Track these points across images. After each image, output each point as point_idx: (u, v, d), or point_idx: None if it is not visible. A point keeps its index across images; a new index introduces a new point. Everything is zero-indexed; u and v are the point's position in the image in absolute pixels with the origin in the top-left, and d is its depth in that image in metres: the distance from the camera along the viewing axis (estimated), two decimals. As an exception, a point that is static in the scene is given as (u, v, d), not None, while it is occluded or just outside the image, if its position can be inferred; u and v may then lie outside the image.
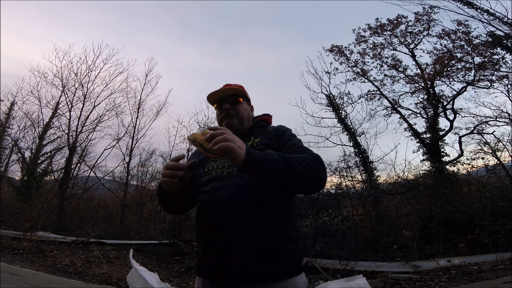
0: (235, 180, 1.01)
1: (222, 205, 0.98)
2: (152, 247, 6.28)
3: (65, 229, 8.67)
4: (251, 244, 0.94)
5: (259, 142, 1.10)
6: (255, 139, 1.14)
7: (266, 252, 0.94)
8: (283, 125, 1.24)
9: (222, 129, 0.88)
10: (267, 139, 1.12)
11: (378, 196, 6.86)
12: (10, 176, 10.41)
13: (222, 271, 0.95)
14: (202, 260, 1.04)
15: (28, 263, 4.86)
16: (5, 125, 10.36)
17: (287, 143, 1.10)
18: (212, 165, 1.10)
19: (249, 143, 1.11)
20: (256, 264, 0.93)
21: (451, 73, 8.47)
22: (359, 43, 9.66)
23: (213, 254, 0.98)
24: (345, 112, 8.84)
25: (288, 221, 1.03)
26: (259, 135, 1.15)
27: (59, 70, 11.15)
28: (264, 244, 0.95)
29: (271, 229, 0.97)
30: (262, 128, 1.21)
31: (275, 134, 1.15)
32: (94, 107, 11.32)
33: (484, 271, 3.63)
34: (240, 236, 0.94)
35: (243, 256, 0.93)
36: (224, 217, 0.96)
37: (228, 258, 0.94)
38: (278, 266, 0.95)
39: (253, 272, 0.93)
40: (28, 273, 4.08)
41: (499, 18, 7.32)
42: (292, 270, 0.98)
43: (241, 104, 1.22)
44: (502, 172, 6.66)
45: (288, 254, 0.98)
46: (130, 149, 11.03)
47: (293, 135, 1.18)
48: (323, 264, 4.33)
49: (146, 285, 0.94)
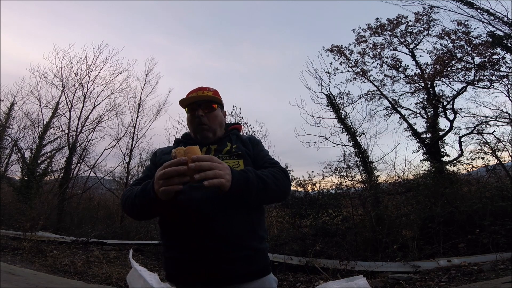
0: None
1: (202, 204, 0.95)
2: (152, 247, 6.28)
3: (65, 229, 8.68)
4: (229, 244, 0.94)
5: (237, 149, 1.13)
6: (232, 144, 1.16)
7: (244, 252, 0.95)
8: (255, 136, 1.31)
9: (208, 158, 0.84)
10: (244, 146, 1.16)
11: (378, 196, 6.86)
12: (10, 176, 10.44)
13: (201, 275, 0.92)
14: (177, 264, 0.98)
15: (28, 263, 4.86)
16: (5, 125, 10.37)
17: (260, 153, 1.18)
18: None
19: (226, 148, 1.13)
20: (234, 265, 0.93)
21: (451, 73, 8.46)
22: (359, 43, 9.66)
23: (192, 257, 0.93)
24: (345, 112, 8.85)
25: (261, 222, 1.06)
26: (235, 141, 1.18)
27: (59, 70, 11.20)
28: (242, 244, 0.96)
29: (248, 229, 0.99)
30: (235, 136, 1.23)
31: (251, 143, 1.20)
32: (94, 107, 11.37)
33: (484, 271, 3.63)
34: (218, 236, 0.93)
35: (222, 256, 0.92)
36: (201, 216, 0.94)
37: (208, 260, 0.92)
38: (255, 265, 0.98)
39: (232, 273, 0.93)
40: (28, 273, 4.08)
41: (499, 18, 7.32)
42: (266, 269, 1.02)
43: (215, 111, 1.20)
44: (502, 172, 6.66)
45: (262, 254, 1.02)
46: (130, 149, 11.07)
47: (263, 146, 1.26)
48: (323, 264, 4.33)
49: (146, 285, 0.94)
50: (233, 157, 1.10)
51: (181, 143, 1.21)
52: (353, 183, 7.89)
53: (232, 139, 1.19)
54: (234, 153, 1.11)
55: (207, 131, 1.16)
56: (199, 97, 1.18)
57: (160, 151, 1.23)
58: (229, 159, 1.09)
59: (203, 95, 1.18)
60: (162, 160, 1.09)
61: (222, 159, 1.06)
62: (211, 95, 1.19)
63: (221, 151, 1.12)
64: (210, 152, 1.13)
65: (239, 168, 1.06)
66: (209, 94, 1.19)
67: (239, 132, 1.29)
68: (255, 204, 1.02)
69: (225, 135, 1.22)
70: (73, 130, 10.93)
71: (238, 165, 1.07)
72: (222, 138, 1.20)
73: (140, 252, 5.97)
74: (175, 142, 1.30)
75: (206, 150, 1.14)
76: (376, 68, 9.53)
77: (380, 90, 9.42)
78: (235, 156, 1.10)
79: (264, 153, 1.20)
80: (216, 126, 1.20)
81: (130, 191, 1.03)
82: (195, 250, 0.94)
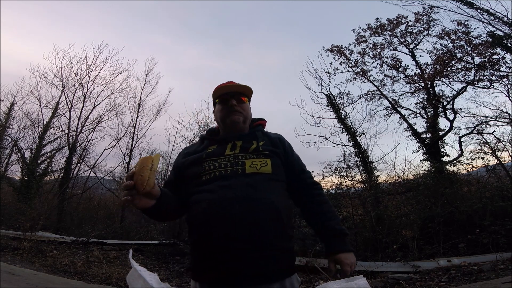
0: (243, 179, 1.01)
1: (233, 203, 0.95)
2: (152, 247, 6.28)
3: (65, 229, 8.67)
4: (256, 244, 0.93)
5: (264, 147, 1.13)
6: (259, 142, 1.14)
7: (271, 252, 0.94)
8: (283, 137, 1.28)
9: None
10: (272, 145, 1.15)
11: (378, 196, 6.86)
12: (10, 176, 10.42)
13: (229, 273, 0.92)
14: (204, 262, 0.98)
15: (28, 263, 4.86)
16: (5, 125, 10.36)
17: (289, 157, 1.19)
18: (213, 164, 1.08)
19: (253, 146, 1.12)
20: (265, 265, 0.93)
21: (451, 73, 8.46)
22: (359, 43, 9.65)
23: (218, 255, 0.93)
24: (345, 112, 8.85)
25: (289, 220, 1.06)
26: (261, 139, 1.18)
27: (59, 70, 11.15)
28: (270, 244, 0.95)
29: (279, 228, 0.98)
30: (261, 132, 1.23)
31: (281, 143, 1.20)
32: (94, 107, 11.31)
33: (484, 271, 3.63)
34: (245, 236, 0.93)
35: (249, 256, 0.92)
36: (236, 216, 0.94)
37: (236, 259, 0.92)
38: (281, 265, 0.97)
39: (262, 273, 0.92)
40: (28, 273, 4.08)
41: (499, 18, 7.32)
42: (292, 268, 1.01)
43: (245, 103, 1.23)
44: (502, 172, 6.64)
45: (290, 253, 1.02)
46: (130, 149, 11.04)
47: (293, 149, 1.26)
48: (323, 264, 4.32)
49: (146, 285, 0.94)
50: (260, 156, 1.09)
51: (206, 139, 1.24)
52: (353, 183, 7.89)
53: (258, 136, 1.19)
54: (262, 152, 1.10)
55: (238, 115, 1.18)
56: (232, 87, 1.21)
57: (185, 152, 1.24)
58: (256, 158, 1.08)
59: (235, 85, 1.22)
60: (188, 161, 1.15)
61: (249, 158, 1.07)
62: (245, 86, 1.23)
63: (247, 149, 1.11)
64: (236, 149, 1.12)
65: (267, 166, 1.06)
66: (241, 85, 1.23)
67: (263, 127, 1.29)
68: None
69: (250, 131, 1.22)
70: (73, 130, 10.91)
71: (266, 164, 1.07)
72: (247, 134, 1.20)
73: (140, 252, 5.96)
74: (200, 138, 1.31)
75: (231, 147, 1.13)
76: (376, 68, 9.54)
77: (380, 90, 9.43)
78: (262, 155, 1.09)
79: (297, 160, 1.22)
80: (247, 117, 1.22)
81: None
82: (221, 249, 0.94)
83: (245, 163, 1.05)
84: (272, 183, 1.04)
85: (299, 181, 1.17)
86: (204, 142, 1.24)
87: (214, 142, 1.20)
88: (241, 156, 1.08)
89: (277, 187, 1.05)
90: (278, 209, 0.98)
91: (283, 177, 1.11)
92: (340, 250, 1.06)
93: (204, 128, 10.10)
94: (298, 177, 1.17)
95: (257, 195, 0.97)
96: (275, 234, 0.96)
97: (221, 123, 1.22)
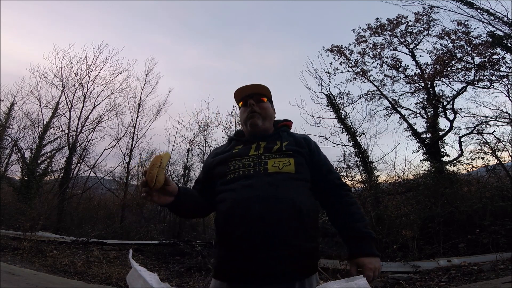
0: (264, 178, 1.02)
1: (254, 202, 0.97)
2: (152, 247, 6.28)
3: (65, 229, 8.67)
4: (281, 243, 0.93)
5: (288, 147, 1.13)
6: (282, 142, 1.15)
7: (291, 251, 0.94)
8: (310, 137, 1.27)
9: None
10: (296, 145, 1.15)
11: (378, 196, 6.86)
12: (10, 176, 10.41)
13: (249, 272, 0.93)
14: (225, 261, 1.01)
15: (28, 263, 4.86)
16: (5, 125, 10.36)
17: (315, 157, 1.18)
18: (238, 163, 1.10)
19: (276, 146, 1.13)
20: (284, 264, 0.93)
21: (451, 73, 8.46)
22: (359, 43, 9.65)
23: (241, 254, 0.95)
24: (345, 112, 8.85)
25: (313, 221, 1.04)
26: (286, 139, 1.18)
27: (59, 70, 11.17)
28: (289, 243, 0.95)
29: (300, 228, 0.97)
30: (286, 133, 1.24)
31: (306, 143, 1.19)
32: (94, 107, 11.33)
33: (484, 271, 3.63)
34: (272, 234, 0.93)
35: (272, 255, 0.92)
36: (256, 215, 0.95)
37: (256, 258, 0.93)
38: (302, 265, 0.96)
39: (281, 272, 0.92)
40: (28, 273, 4.08)
41: (499, 18, 7.32)
42: (313, 268, 1.00)
43: (264, 103, 1.24)
44: (502, 172, 6.65)
45: (311, 253, 1.01)
46: (130, 149, 11.04)
47: (320, 149, 1.25)
48: (323, 264, 4.32)
49: (146, 285, 0.94)
50: (284, 156, 1.09)
51: (233, 140, 1.28)
52: (353, 183, 7.90)
53: (282, 136, 1.20)
54: (285, 152, 1.10)
55: (257, 118, 1.20)
56: (250, 89, 1.24)
57: (214, 152, 1.29)
58: (279, 158, 1.09)
59: (252, 86, 1.24)
60: (216, 160, 1.18)
61: (272, 158, 1.08)
62: (261, 87, 1.25)
63: (270, 149, 1.12)
64: (260, 149, 1.13)
65: (289, 166, 1.06)
66: (259, 85, 1.25)
67: (289, 128, 1.31)
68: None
69: (275, 132, 1.24)
70: (73, 130, 10.92)
71: (289, 163, 1.07)
72: (271, 135, 1.21)
73: (140, 252, 5.97)
74: (228, 139, 1.34)
75: (255, 147, 1.15)
76: (376, 68, 9.54)
77: (380, 90, 9.43)
78: (285, 155, 1.10)
79: (324, 160, 1.20)
80: (266, 116, 1.23)
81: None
82: (241, 247, 0.95)
83: (267, 163, 1.07)
84: (295, 182, 1.04)
85: (326, 182, 1.15)
86: (232, 142, 1.27)
87: (240, 143, 1.23)
88: (264, 156, 1.10)
89: (299, 187, 1.05)
90: (299, 208, 0.98)
91: (307, 177, 1.10)
92: (363, 254, 1.02)
93: (204, 128, 10.11)
94: (325, 177, 1.15)
95: (277, 194, 0.98)
96: (295, 234, 0.96)
97: (244, 126, 1.26)
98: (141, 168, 11.05)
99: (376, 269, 1.01)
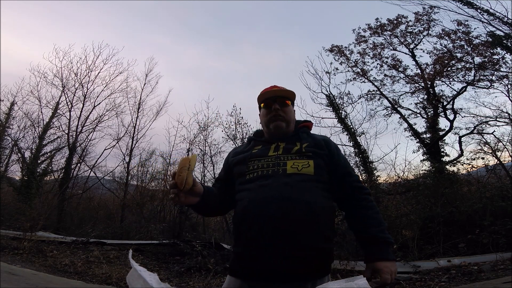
0: (282, 179, 1.03)
1: (269, 202, 0.98)
2: (152, 247, 6.28)
3: (65, 229, 8.67)
4: (294, 243, 0.95)
5: (307, 148, 1.13)
6: (302, 144, 1.16)
7: (305, 252, 0.95)
8: (330, 139, 1.27)
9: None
10: (316, 147, 1.15)
11: (378, 196, 6.85)
12: (10, 176, 10.41)
13: (262, 270, 0.95)
14: (240, 259, 1.03)
15: (28, 263, 4.86)
16: (5, 125, 10.36)
17: (335, 159, 1.16)
18: (257, 163, 1.12)
19: (295, 148, 1.14)
20: (297, 264, 0.94)
21: (451, 73, 8.46)
22: (359, 43, 9.65)
23: (254, 252, 0.98)
24: (345, 112, 8.85)
25: (328, 221, 1.05)
26: (305, 140, 1.19)
27: (59, 70, 11.14)
28: (304, 244, 0.96)
29: (314, 229, 0.98)
30: (306, 134, 1.24)
31: (326, 144, 1.19)
32: (94, 107, 11.30)
33: (484, 271, 3.63)
34: (285, 234, 0.95)
35: (286, 254, 0.94)
36: (270, 215, 0.96)
37: (269, 257, 0.95)
38: (316, 265, 0.98)
39: (294, 272, 0.94)
40: (28, 273, 4.08)
41: (499, 18, 7.31)
42: (327, 269, 1.02)
43: (288, 107, 1.24)
44: (502, 172, 6.65)
45: (325, 254, 1.01)
46: (130, 149, 11.01)
47: (340, 151, 1.24)
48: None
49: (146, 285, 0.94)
50: (303, 157, 1.10)
51: (252, 140, 1.30)
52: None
53: (301, 137, 1.20)
54: (305, 153, 1.11)
55: (281, 121, 1.20)
56: (275, 92, 1.23)
57: (234, 151, 1.30)
58: (298, 159, 1.09)
59: (279, 90, 1.24)
60: (236, 160, 1.21)
61: (291, 159, 1.09)
62: (288, 90, 1.25)
63: (289, 150, 1.13)
64: (278, 150, 1.14)
65: (309, 168, 1.07)
66: (284, 90, 1.25)
67: (309, 129, 1.31)
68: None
69: (294, 133, 1.24)
70: (73, 130, 10.90)
71: (308, 165, 1.08)
72: (291, 136, 1.22)
73: (140, 252, 5.96)
74: (248, 139, 1.35)
75: (274, 148, 1.16)
76: (376, 68, 9.54)
77: (380, 90, 9.44)
78: (305, 156, 1.10)
79: (343, 163, 1.18)
80: (290, 120, 1.24)
81: None
82: (255, 246, 0.98)
83: (286, 164, 1.08)
84: (312, 183, 1.04)
85: (344, 184, 1.14)
86: (251, 142, 1.29)
87: (259, 143, 1.25)
88: (283, 157, 1.11)
89: (316, 188, 1.05)
90: (314, 210, 0.99)
91: (325, 179, 1.10)
92: (379, 258, 1.02)
93: (204, 128, 10.11)
94: (343, 179, 1.14)
95: (293, 195, 0.99)
96: (309, 234, 0.96)
97: (265, 127, 1.26)
98: (142, 168, 11.07)
99: (393, 272, 1.01)
